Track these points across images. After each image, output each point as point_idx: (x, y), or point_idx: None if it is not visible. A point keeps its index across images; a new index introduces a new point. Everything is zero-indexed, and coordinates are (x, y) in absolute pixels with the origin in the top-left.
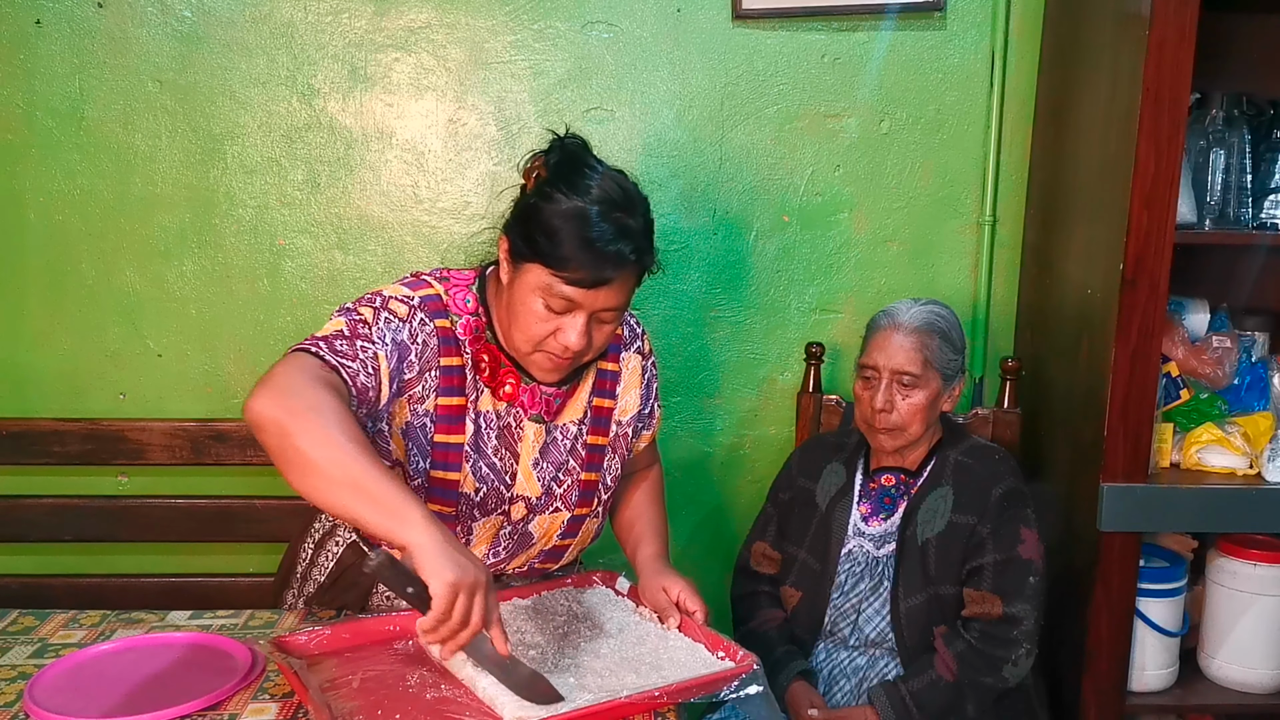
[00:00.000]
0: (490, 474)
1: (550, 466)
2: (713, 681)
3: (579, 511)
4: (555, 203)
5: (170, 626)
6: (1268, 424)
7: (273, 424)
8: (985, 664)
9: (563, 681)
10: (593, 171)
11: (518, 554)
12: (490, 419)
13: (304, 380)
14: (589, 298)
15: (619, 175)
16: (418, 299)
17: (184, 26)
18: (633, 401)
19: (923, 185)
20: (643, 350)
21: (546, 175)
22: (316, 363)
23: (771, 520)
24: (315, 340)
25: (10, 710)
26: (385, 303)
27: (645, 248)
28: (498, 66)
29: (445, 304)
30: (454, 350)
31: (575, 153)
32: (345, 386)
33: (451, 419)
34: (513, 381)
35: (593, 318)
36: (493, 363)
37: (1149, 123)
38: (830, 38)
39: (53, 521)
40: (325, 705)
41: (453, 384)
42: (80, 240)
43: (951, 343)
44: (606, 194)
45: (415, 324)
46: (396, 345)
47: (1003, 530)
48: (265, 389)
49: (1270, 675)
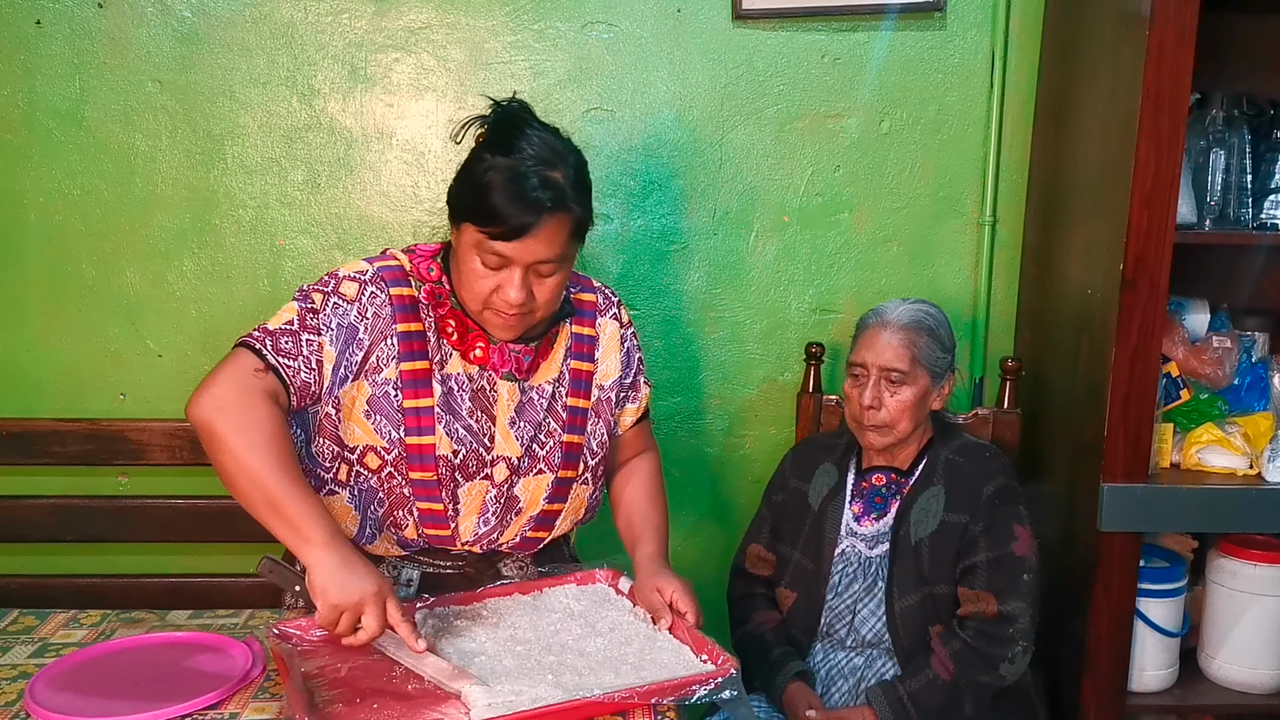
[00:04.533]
0: (467, 435)
1: (528, 426)
2: (686, 684)
3: (564, 474)
4: (483, 162)
5: (170, 626)
6: (1268, 424)
7: (206, 432)
8: (982, 662)
9: (540, 679)
10: (522, 133)
11: (508, 521)
12: (462, 381)
13: (240, 392)
14: (518, 250)
15: (551, 134)
16: (373, 271)
17: (184, 26)
18: (613, 367)
19: (923, 185)
20: (619, 318)
21: (482, 139)
22: (255, 364)
23: (766, 522)
24: (264, 333)
25: (10, 710)
26: (337, 286)
27: (570, 198)
28: (498, 67)
29: (407, 273)
30: (412, 316)
31: (510, 115)
32: (284, 388)
33: (417, 383)
34: (483, 344)
35: (530, 271)
36: (460, 327)
37: (1149, 123)
38: (830, 38)
39: (53, 521)
40: (306, 692)
41: (414, 349)
42: (80, 240)
43: (940, 340)
44: (534, 152)
45: (365, 299)
46: (343, 329)
47: (995, 528)
48: (204, 394)
49: (1270, 675)
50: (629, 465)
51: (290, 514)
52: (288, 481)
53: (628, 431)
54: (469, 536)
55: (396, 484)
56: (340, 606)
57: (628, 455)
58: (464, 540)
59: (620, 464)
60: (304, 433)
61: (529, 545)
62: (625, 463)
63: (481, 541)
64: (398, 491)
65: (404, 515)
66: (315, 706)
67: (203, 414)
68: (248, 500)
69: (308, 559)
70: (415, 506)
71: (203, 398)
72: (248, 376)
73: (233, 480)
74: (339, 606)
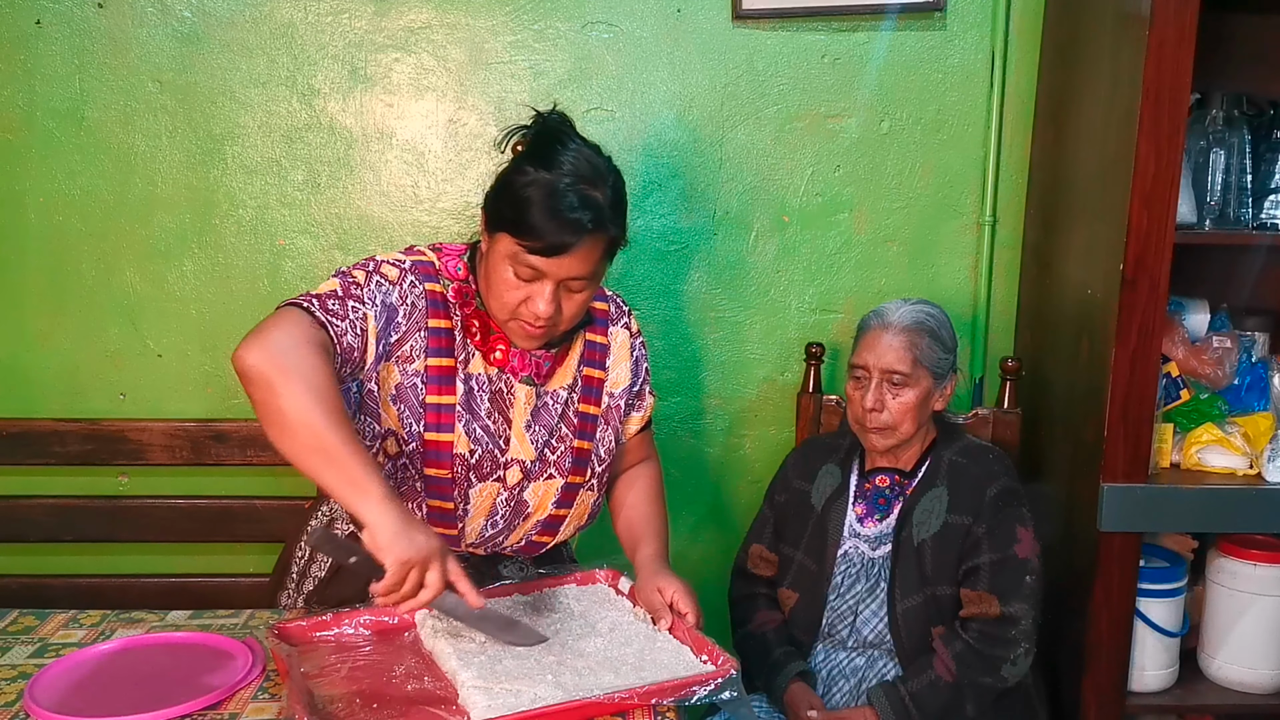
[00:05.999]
0: (484, 436)
1: (543, 430)
2: (685, 685)
3: (573, 479)
4: (525, 175)
5: (170, 626)
6: (1268, 424)
7: (260, 378)
8: (984, 664)
9: (540, 679)
10: (565, 147)
11: (515, 524)
12: (482, 382)
13: (294, 339)
14: (553, 266)
15: (593, 151)
16: (409, 263)
17: (184, 27)
18: (623, 375)
19: (923, 185)
20: (630, 327)
21: (523, 150)
22: (307, 319)
23: (768, 522)
24: (309, 296)
25: (10, 710)
26: (378, 266)
27: (608, 218)
28: (498, 67)
29: (437, 270)
30: (443, 313)
31: (553, 128)
32: (332, 345)
33: (442, 379)
34: (503, 347)
35: (561, 286)
36: (483, 328)
37: (1149, 123)
38: (830, 38)
39: (53, 521)
40: (307, 692)
41: (441, 345)
42: (80, 240)
43: (941, 341)
44: (574, 168)
45: (405, 285)
46: (385, 307)
47: (998, 530)
48: (257, 341)
49: (1270, 675)
50: (630, 472)
51: (349, 465)
52: (345, 433)
53: (631, 440)
54: (475, 538)
55: (410, 476)
56: (410, 562)
57: (630, 463)
58: (469, 542)
59: (622, 471)
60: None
61: (533, 549)
62: (626, 470)
63: (487, 544)
64: (410, 485)
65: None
66: (315, 706)
67: (255, 359)
68: (299, 448)
69: (368, 513)
70: (425, 503)
71: (254, 344)
72: (303, 326)
73: (286, 426)
74: (409, 562)
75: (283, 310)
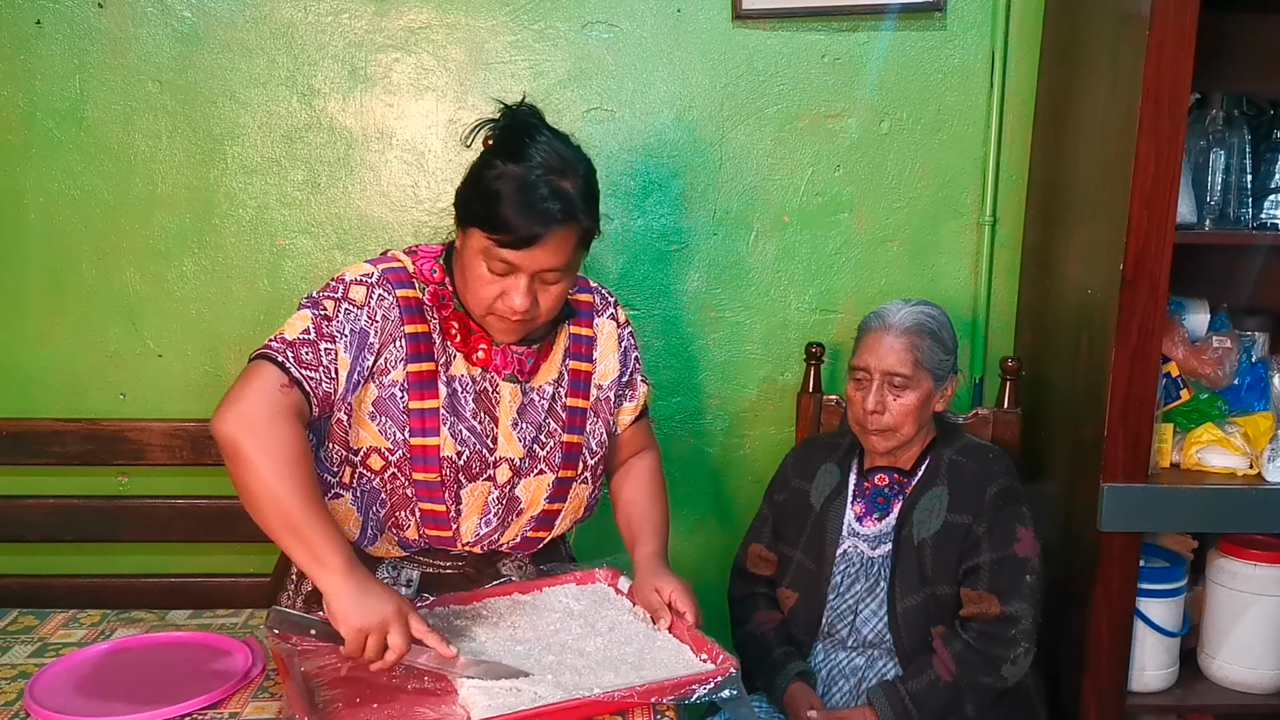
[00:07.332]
0: (471, 437)
1: (530, 427)
2: (685, 683)
3: (564, 474)
4: (494, 168)
5: (170, 626)
6: (1268, 424)
7: (232, 451)
8: (984, 663)
9: (540, 679)
10: (534, 139)
11: (509, 521)
12: (465, 383)
13: (266, 410)
14: (525, 259)
15: (562, 142)
16: (378, 273)
17: (184, 27)
18: (611, 366)
19: (923, 185)
20: (616, 318)
21: (492, 144)
22: (280, 379)
23: (767, 522)
24: (282, 344)
25: (10, 710)
26: (346, 291)
27: (579, 209)
28: (498, 67)
29: (411, 275)
30: (419, 318)
31: (521, 121)
32: (306, 402)
33: (423, 384)
34: (485, 346)
35: (535, 279)
36: (463, 329)
37: (1149, 123)
38: (830, 38)
39: (53, 521)
40: (307, 692)
41: (420, 350)
42: (80, 240)
43: (942, 343)
44: (544, 159)
45: (374, 303)
46: (356, 334)
47: (998, 529)
48: (231, 411)
49: (1270, 675)
50: (629, 463)
51: (311, 540)
52: (310, 507)
53: (626, 430)
54: (470, 537)
55: (399, 485)
56: (365, 629)
57: (627, 453)
58: (465, 541)
59: (620, 462)
60: (315, 437)
61: (529, 545)
62: (625, 461)
63: (482, 542)
64: (400, 492)
65: (406, 516)
66: (315, 706)
67: (230, 431)
68: (267, 521)
69: (326, 585)
70: (417, 507)
71: (229, 414)
72: (274, 393)
73: (254, 500)
74: (364, 630)
75: (258, 367)
